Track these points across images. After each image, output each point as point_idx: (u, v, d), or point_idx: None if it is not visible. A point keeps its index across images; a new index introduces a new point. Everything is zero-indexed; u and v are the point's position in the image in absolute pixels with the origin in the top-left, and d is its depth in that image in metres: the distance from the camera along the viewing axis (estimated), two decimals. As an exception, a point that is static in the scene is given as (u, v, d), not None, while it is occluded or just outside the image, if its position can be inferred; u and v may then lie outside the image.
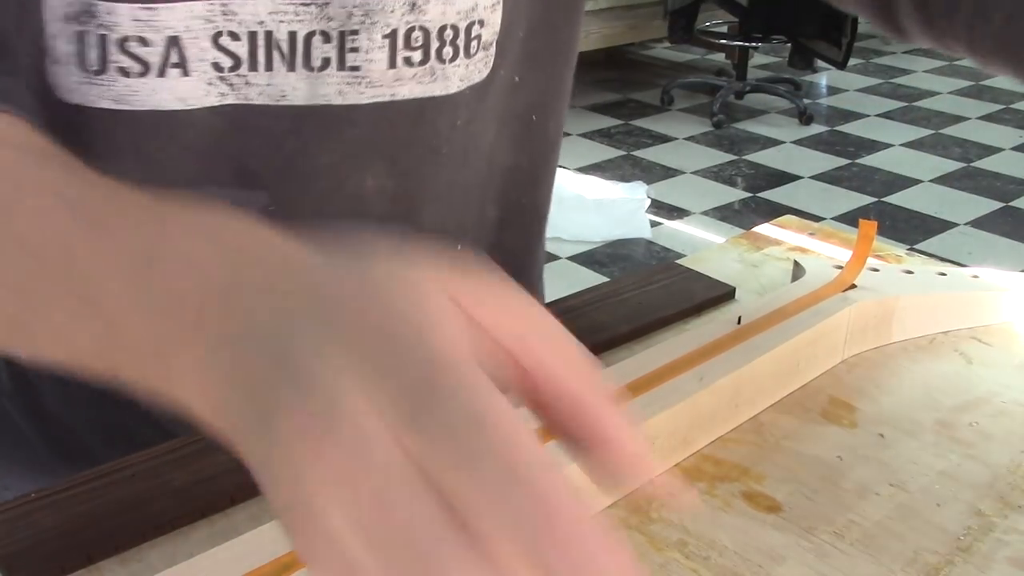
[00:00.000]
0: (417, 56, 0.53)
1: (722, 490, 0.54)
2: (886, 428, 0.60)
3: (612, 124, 4.06)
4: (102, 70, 0.48)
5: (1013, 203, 3.32)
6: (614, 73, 4.71)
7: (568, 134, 3.92)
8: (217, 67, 0.51)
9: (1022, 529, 0.52)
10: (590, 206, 3.06)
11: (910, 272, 0.71)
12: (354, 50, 0.52)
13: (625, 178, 3.43)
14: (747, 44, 4.18)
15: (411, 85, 0.54)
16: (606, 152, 3.75)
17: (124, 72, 0.48)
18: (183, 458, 0.54)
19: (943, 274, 0.72)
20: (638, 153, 3.76)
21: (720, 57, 4.87)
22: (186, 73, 0.50)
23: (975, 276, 0.73)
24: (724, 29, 4.50)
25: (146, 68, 0.49)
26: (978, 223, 3.16)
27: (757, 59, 4.91)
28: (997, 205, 3.30)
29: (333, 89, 0.53)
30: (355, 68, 0.53)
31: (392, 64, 0.53)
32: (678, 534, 0.51)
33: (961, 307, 0.71)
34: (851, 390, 0.64)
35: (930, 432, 0.60)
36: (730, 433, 0.59)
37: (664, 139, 3.91)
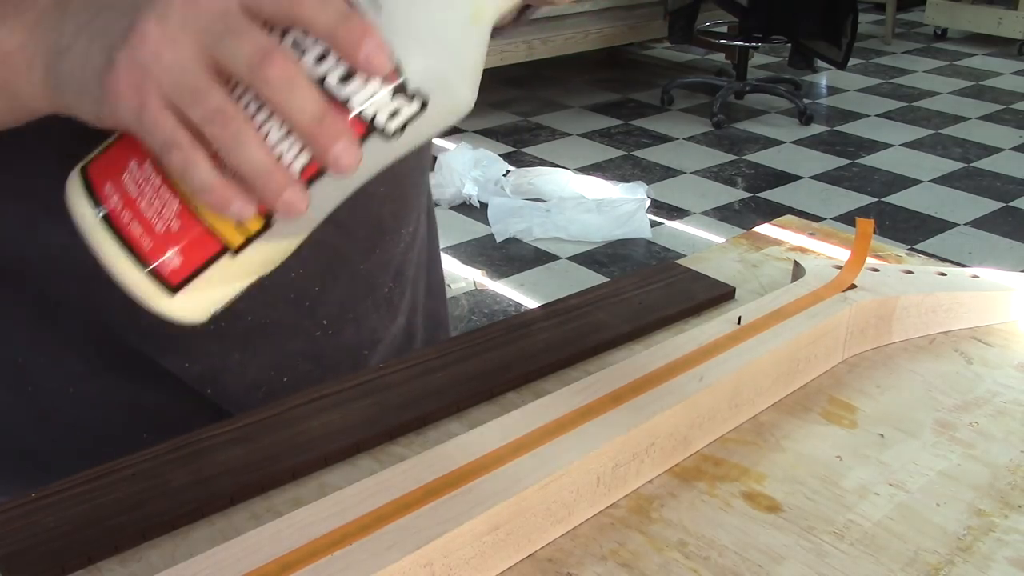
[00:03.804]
0: None
1: (722, 490, 0.54)
2: (886, 428, 0.60)
3: (612, 124, 4.06)
4: None
5: (1013, 203, 3.32)
6: (614, 73, 4.71)
7: (568, 134, 3.92)
8: None
9: (1022, 529, 0.52)
10: (590, 206, 3.06)
11: (910, 272, 0.71)
12: None
13: (625, 178, 3.42)
14: (747, 44, 4.17)
15: None
16: (606, 152, 3.75)
17: None
18: (183, 458, 0.54)
19: (943, 274, 0.72)
20: (638, 153, 3.76)
21: (720, 57, 4.86)
22: None
23: (975, 276, 0.73)
24: (724, 29, 4.50)
25: None
26: (978, 223, 3.16)
27: (757, 59, 4.91)
28: (997, 205, 3.30)
29: None
30: None
31: None
32: (678, 534, 0.51)
33: (961, 307, 0.71)
34: (851, 390, 0.64)
35: (930, 432, 0.60)
36: (730, 433, 0.59)
37: (664, 139, 3.91)
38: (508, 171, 3.28)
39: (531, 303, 2.59)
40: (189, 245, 0.38)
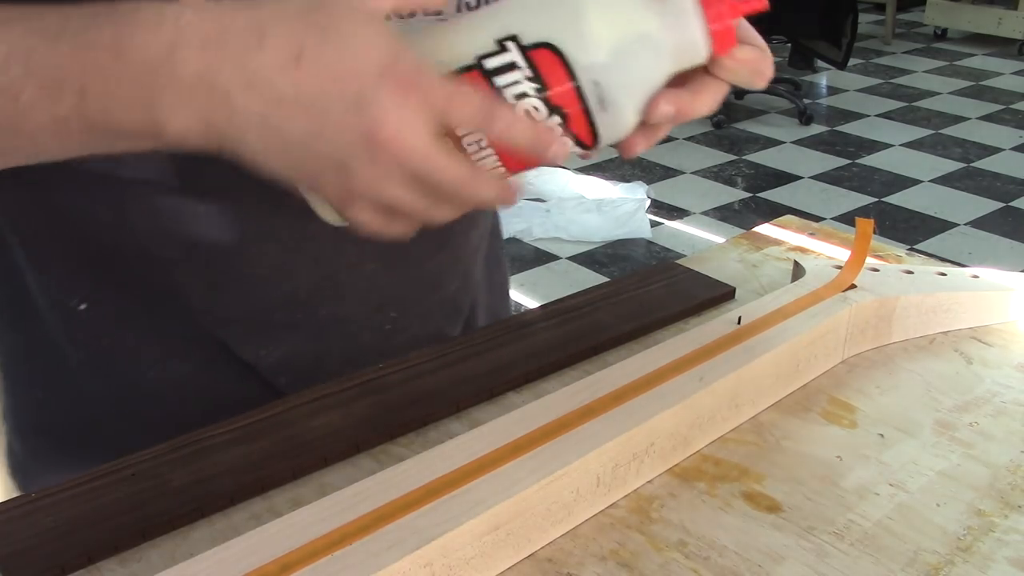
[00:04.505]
0: None
1: (722, 490, 0.54)
2: (886, 428, 0.60)
3: (612, 124, 4.06)
4: None
5: (1013, 203, 3.32)
6: (614, 73, 4.71)
7: (568, 134, 3.91)
8: None
9: (1022, 529, 0.52)
10: (590, 206, 3.06)
11: (910, 272, 0.71)
12: None
13: (625, 178, 3.43)
14: (747, 44, 4.17)
15: None
16: (606, 152, 3.75)
17: None
18: (183, 458, 0.54)
19: (943, 274, 0.72)
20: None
21: (720, 57, 4.86)
22: None
23: (975, 276, 0.73)
24: (724, 29, 4.49)
25: None
26: (978, 223, 3.16)
27: (757, 59, 4.90)
28: (997, 205, 3.30)
29: None
30: None
31: None
32: (678, 534, 0.51)
33: (961, 307, 0.71)
34: (851, 390, 0.64)
35: (930, 432, 0.60)
36: (730, 433, 0.59)
37: (664, 139, 3.91)
38: (508, 171, 3.28)
39: (531, 303, 2.59)
40: None
